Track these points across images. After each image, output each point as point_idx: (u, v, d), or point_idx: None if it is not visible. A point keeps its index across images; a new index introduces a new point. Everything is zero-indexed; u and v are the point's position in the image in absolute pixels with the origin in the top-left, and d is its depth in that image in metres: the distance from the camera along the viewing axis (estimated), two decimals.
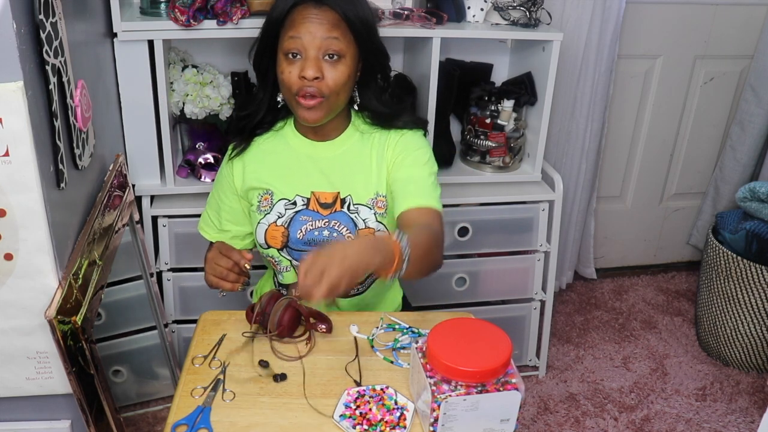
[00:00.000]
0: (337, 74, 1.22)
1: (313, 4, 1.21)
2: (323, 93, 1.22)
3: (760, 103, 2.34)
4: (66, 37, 1.15)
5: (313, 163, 1.33)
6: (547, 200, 1.95)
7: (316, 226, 1.31)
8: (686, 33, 2.35)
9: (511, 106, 1.90)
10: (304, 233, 1.31)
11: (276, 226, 1.32)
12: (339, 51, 1.21)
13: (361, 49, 1.25)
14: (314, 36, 1.20)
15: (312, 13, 1.20)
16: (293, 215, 1.32)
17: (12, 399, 1.21)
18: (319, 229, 1.31)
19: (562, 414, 1.99)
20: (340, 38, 1.21)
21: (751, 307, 2.11)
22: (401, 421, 1.01)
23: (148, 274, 1.71)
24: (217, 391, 1.06)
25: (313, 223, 1.31)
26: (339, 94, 1.24)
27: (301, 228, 1.31)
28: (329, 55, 1.21)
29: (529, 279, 2.03)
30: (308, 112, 1.24)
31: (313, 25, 1.20)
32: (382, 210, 1.32)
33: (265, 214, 1.32)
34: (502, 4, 1.78)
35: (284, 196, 1.33)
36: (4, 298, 1.10)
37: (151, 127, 1.69)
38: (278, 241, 1.32)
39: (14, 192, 1.04)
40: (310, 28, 1.20)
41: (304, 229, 1.31)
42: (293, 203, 1.32)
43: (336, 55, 1.21)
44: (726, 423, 1.98)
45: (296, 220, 1.31)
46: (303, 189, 1.32)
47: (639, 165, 2.56)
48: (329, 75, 1.21)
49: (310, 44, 1.20)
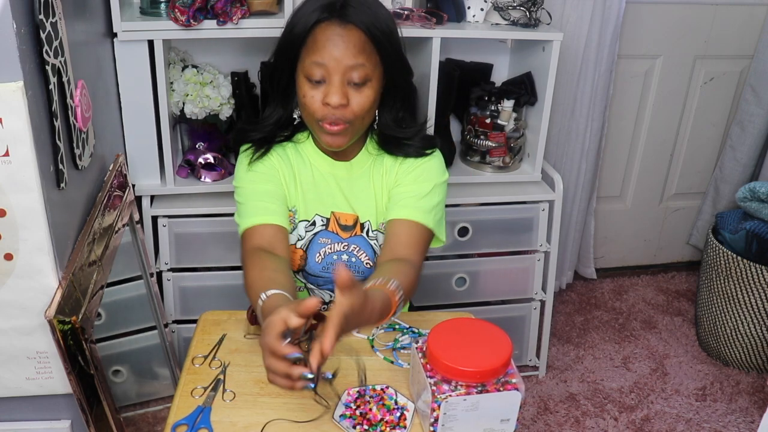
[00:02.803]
0: (362, 99, 1.15)
1: (337, 22, 1.13)
2: (348, 119, 1.16)
3: (760, 103, 2.34)
4: (66, 37, 1.15)
5: (335, 181, 1.28)
6: (547, 200, 1.95)
7: (334, 249, 1.28)
8: (686, 33, 2.35)
9: (511, 106, 1.90)
10: (323, 256, 1.28)
11: (295, 249, 1.27)
12: (365, 76, 1.14)
13: (386, 67, 1.19)
14: (339, 62, 1.12)
15: (336, 33, 1.12)
16: (312, 237, 1.27)
17: (12, 399, 1.21)
18: (338, 252, 1.28)
19: (562, 414, 1.99)
20: (366, 63, 1.14)
21: (751, 307, 2.11)
22: (401, 421, 1.01)
23: (148, 274, 1.71)
24: (217, 391, 1.06)
25: (332, 246, 1.28)
26: (364, 118, 1.19)
27: (320, 251, 1.28)
28: (355, 82, 1.14)
29: (529, 279, 2.03)
30: (333, 138, 1.18)
31: (338, 48, 1.12)
32: None
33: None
34: (502, 4, 1.78)
35: (304, 217, 1.27)
36: (4, 298, 1.11)
37: (151, 127, 1.69)
38: (295, 264, 1.28)
39: (14, 192, 1.04)
40: (335, 53, 1.12)
41: (323, 252, 1.28)
42: (312, 224, 1.27)
43: (361, 81, 1.14)
44: (726, 423, 1.98)
45: (315, 243, 1.27)
46: (323, 209, 1.27)
47: (639, 165, 2.56)
48: (354, 101, 1.15)
49: (334, 69, 1.12)
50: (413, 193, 1.24)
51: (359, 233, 1.28)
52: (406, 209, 1.22)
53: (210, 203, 1.77)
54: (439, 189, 1.26)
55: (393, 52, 1.18)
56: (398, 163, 1.28)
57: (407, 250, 1.20)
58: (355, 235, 1.28)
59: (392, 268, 1.13)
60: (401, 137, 1.26)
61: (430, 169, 1.27)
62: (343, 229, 1.28)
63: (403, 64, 1.23)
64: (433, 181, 1.25)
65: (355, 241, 1.28)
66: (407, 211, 1.22)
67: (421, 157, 1.27)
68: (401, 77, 1.23)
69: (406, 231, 1.21)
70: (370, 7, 1.16)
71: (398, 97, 1.24)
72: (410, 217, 1.21)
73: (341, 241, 1.28)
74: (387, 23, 1.17)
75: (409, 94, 1.28)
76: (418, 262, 1.20)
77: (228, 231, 1.76)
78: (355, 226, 1.28)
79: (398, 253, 1.19)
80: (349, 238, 1.28)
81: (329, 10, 1.13)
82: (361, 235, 1.28)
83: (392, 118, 1.25)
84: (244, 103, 1.77)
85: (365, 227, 1.28)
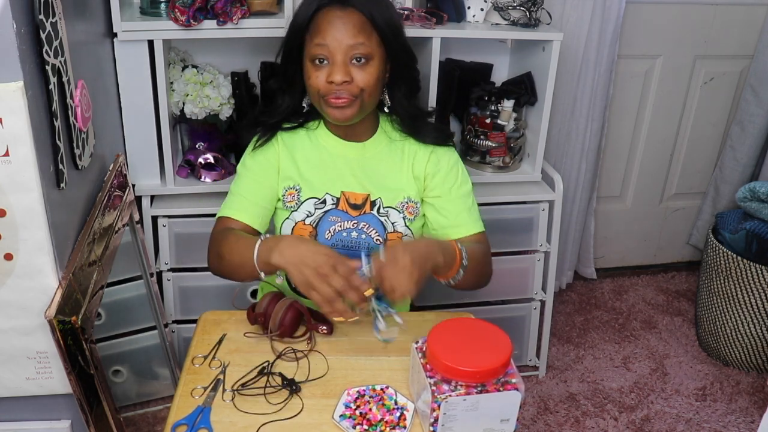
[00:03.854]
0: (366, 75, 1.20)
1: (338, 6, 1.19)
2: (354, 93, 1.20)
3: (760, 103, 2.34)
4: (66, 37, 1.15)
5: (345, 162, 1.32)
6: (547, 200, 1.95)
7: (344, 227, 1.30)
8: (686, 33, 2.35)
9: (511, 106, 1.90)
10: (332, 233, 1.30)
11: (304, 225, 1.29)
12: (366, 54, 1.19)
13: (388, 50, 1.24)
14: (340, 42, 1.17)
15: (337, 15, 1.18)
16: (322, 215, 1.30)
17: (12, 399, 1.21)
18: (348, 230, 1.30)
19: (562, 414, 1.99)
20: (366, 42, 1.19)
21: (751, 307, 2.11)
22: (401, 421, 1.01)
23: (148, 274, 1.71)
24: (217, 391, 1.06)
25: (342, 224, 1.30)
26: (371, 94, 1.22)
27: (330, 228, 1.29)
28: (356, 58, 1.19)
29: (529, 279, 2.03)
30: (338, 111, 1.22)
31: (339, 29, 1.17)
32: (412, 216, 1.31)
33: (291, 211, 1.30)
34: (502, 4, 1.78)
35: (313, 194, 1.30)
36: (4, 298, 1.11)
37: (151, 127, 1.69)
38: None
39: (14, 192, 1.03)
40: (336, 34, 1.17)
41: (333, 230, 1.30)
42: (323, 202, 1.30)
43: (363, 58, 1.19)
44: (726, 423, 1.98)
45: (325, 220, 1.29)
46: (333, 188, 1.30)
47: (639, 165, 2.56)
48: (358, 77, 1.20)
49: (336, 49, 1.18)
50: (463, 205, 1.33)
51: (369, 211, 1.31)
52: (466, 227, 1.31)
53: (210, 203, 1.77)
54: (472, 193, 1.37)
55: (393, 35, 1.23)
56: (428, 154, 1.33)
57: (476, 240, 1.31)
58: (365, 213, 1.31)
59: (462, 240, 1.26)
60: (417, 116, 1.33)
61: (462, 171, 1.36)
62: (353, 207, 1.30)
63: (405, 48, 1.27)
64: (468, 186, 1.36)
65: (365, 219, 1.30)
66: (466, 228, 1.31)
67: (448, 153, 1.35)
68: (403, 60, 1.27)
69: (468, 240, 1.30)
70: None
71: (405, 80, 1.30)
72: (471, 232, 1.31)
73: (351, 219, 1.30)
74: (386, 6, 1.23)
75: (415, 79, 1.34)
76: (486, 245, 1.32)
77: None
78: (365, 205, 1.31)
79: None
80: (359, 216, 1.30)
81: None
82: (371, 212, 1.31)
83: (405, 98, 1.31)
84: (244, 103, 1.77)
85: (376, 204, 1.31)
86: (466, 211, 1.32)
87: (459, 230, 1.31)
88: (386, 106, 1.31)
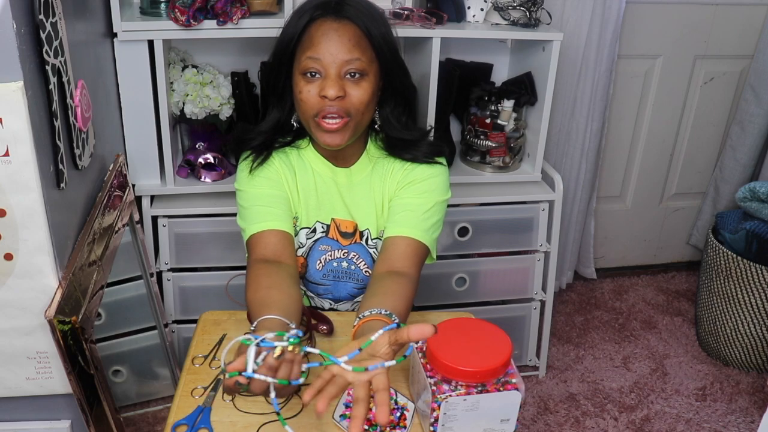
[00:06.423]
0: (360, 92, 1.13)
1: (332, 18, 1.13)
2: (349, 112, 1.13)
3: (760, 103, 2.34)
4: (66, 37, 1.15)
5: (335, 188, 1.26)
6: (547, 200, 1.95)
7: (335, 256, 1.27)
8: (686, 33, 2.35)
9: (511, 106, 1.90)
10: (323, 264, 1.27)
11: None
12: (361, 70, 1.13)
13: (381, 66, 1.17)
14: (335, 56, 1.11)
15: (332, 27, 1.12)
16: (312, 244, 1.26)
17: (12, 399, 1.21)
18: (338, 260, 1.27)
19: (562, 414, 1.99)
20: (361, 57, 1.12)
21: (751, 307, 2.11)
22: (401, 421, 1.01)
23: (148, 274, 1.72)
24: (217, 391, 1.06)
25: (332, 253, 1.27)
26: (363, 113, 1.16)
27: (320, 258, 1.27)
28: (351, 74, 1.13)
29: (529, 279, 2.03)
30: (330, 136, 1.14)
31: (334, 42, 1.11)
32: None
33: None
34: (502, 4, 1.78)
35: (306, 224, 1.26)
36: (4, 298, 1.11)
37: (151, 127, 1.69)
38: None
39: (14, 192, 1.04)
40: (330, 47, 1.11)
41: (323, 260, 1.27)
42: (313, 231, 1.26)
43: (358, 73, 1.13)
44: (726, 423, 1.98)
45: (315, 250, 1.26)
46: (323, 215, 1.26)
47: (639, 165, 2.56)
48: (353, 93, 1.13)
49: (330, 63, 1.11)
50: (414, 207, 1.22)
51: (359, 241, 1.27)
52: (407, 227, 1.20)
53: (210, 203, 1.77)
54: (439, 207, 1.24)
55: (388, 50, 1.18)
56: (403, 170, 1.25)
57: (404, 263, 1.18)
58: (355, 243, 1.27)
59: (388, 285, 1.12)
60: (408, 139, 1.24)
61: (435, 186, 1.24)
62: (344, 236, 1.27)
63: (399, 64, 1.22)
64: (435, 198, 1.23)
65: (355, 249, 1.27)
66: (407, 229, 1.20)
67: (428, 167, 1.25)
68: (397, 77, 1.21)
69: (404, 246, 1.19)
70: (364, 6, 1.17)
71: (397, 98, 1.23)
72: (410, 235, 1.19)
73: (341, 248, 1.27)
74: (381, 21, 1.18)
75: (408, 95, 1.26)
76: (415, 276, 1.18)
77: (228, 231, 1.76)
78: (355, 234, 1.27)
79: (395, 265, 1.18)
80: (350, 245, 1.27)
81: (323, 7, 1.14)
82: (360, 243, 1.27)
83: (395, 119, 1.23)
84: (244, 103, 1.77)
85: (364, 235, 1.27)
86: (415, 215, 1.21)
87: (398, 228, 1.20)
88: (376, 124, 1.23)
